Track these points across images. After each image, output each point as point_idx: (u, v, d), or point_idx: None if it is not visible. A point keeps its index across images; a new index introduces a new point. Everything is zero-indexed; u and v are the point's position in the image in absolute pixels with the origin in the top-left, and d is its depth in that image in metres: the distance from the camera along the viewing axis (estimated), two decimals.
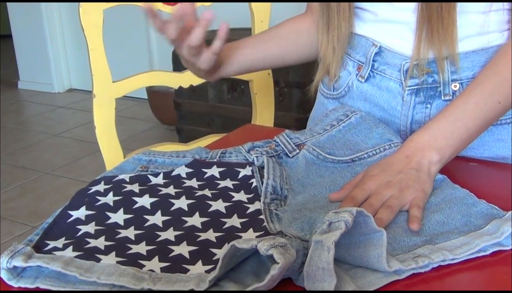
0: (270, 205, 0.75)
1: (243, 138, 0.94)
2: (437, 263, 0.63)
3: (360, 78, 0.97)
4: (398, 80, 0.93)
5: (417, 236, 0.67)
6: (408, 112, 0.94)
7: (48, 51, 4.12)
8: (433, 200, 0.75)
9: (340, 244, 0.60)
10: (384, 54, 0.94)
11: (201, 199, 0.76)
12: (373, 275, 0.61)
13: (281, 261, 0.55)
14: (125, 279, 0.59)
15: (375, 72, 0.96)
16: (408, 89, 0.93)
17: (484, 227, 0.68)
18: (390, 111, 0.95)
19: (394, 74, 0.94)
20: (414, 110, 0.93)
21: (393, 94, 0.94)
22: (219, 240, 0.68)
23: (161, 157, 0.88)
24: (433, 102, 0.92)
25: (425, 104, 0.93)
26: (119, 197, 0.77)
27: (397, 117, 0.95)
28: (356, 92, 0.99)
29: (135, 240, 0.68)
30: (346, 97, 1.00)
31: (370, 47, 0.95)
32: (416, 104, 0.93)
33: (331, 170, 0.84)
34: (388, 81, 0.94)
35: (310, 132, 0.91)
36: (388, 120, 0.95)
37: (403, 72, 0.93)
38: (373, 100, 0.97)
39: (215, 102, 2.92)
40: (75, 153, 3.15)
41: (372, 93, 0.96)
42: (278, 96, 2.69)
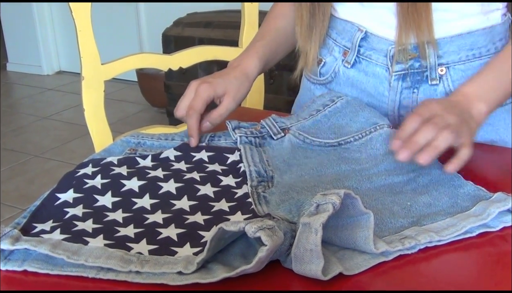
0: (257, 187, 0.75)
1: None
2: (424, 245, 0.63)
3: (346, 64, 0.97)
4: (385, 65, 0.93)
5: (404, 217, 0.68)
6: (395, 97, 0.94)
7: (37, 32, 4.08)
8: (420, 181, 0.75)
9: (328, 226, 0.60)
10: (370, 39, 0.94)
11: (190, 182, 0.76)
12: (360, 256, 0.61)
13: (269, 243, 0.55)
14: (112, 262, 0.59)
15: (361, 57, 0.95)
16: (394, 75, 0.93)
17: (470, 209, 0.68)
18: (377, 96, 0.95)
19: (380, 60, 0.93)
20: (401, 95, 0.93)
21: (380, 80, 0.94)
22: (207, 223, 0.68)
23: (149, 140, 0.88)
24: (420, 87, 0.92)
25: (412, 89, 0.93)
26: (107, 179, 0.76)
27: (384, 103, 0.95)
28: (342, 78, 0.98)
29: (123, 223, 0.68)
30: (333, 83, 1.00)
31: (356, 32, 0.95)
32: (403, 89, 0.93)
33: (318, 152, 0.84)
34: (375, 67, 0.94)
35: (296, 117, 0.91)
36: (376, 105, 0.95)
37: (389, 57, 0.92)
38: (359, 86, 0.96)
39: None
40: (65, 136, 3.14)
41: (359, 79, 0.96)
42: (268, 79, 2.68)
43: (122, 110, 3.41)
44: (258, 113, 1.21)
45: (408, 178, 0.76)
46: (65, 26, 4.02)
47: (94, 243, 0.63)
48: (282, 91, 2.72)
